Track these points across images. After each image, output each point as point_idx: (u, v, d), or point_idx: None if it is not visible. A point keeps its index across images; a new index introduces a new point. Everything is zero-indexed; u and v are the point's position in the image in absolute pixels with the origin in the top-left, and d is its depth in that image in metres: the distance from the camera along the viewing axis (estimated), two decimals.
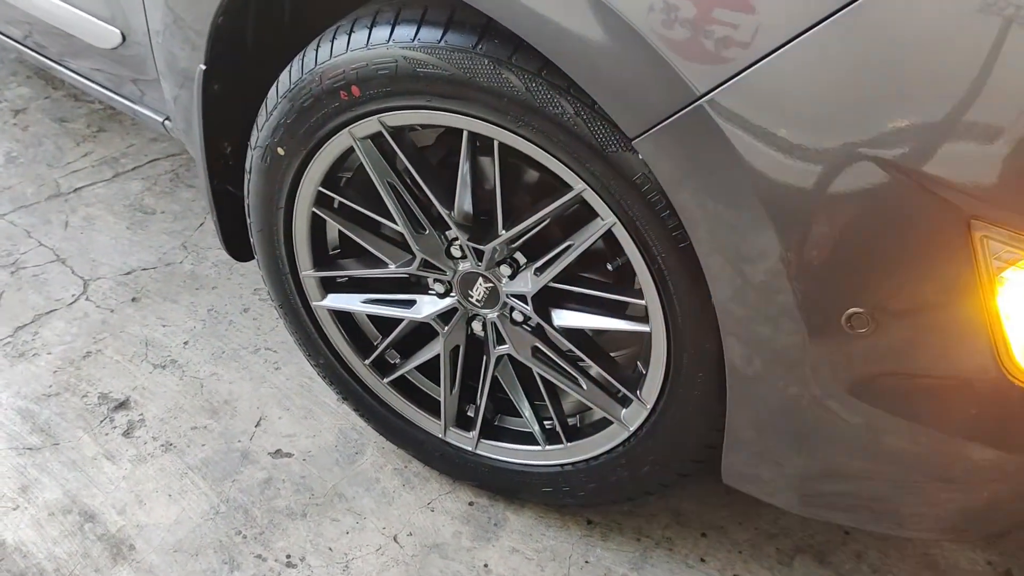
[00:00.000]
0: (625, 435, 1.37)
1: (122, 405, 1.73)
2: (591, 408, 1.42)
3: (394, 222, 1.36)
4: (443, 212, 1.30)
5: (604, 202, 1.15)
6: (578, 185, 1.16)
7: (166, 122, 1.74)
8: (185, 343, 1.87)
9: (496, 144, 1.20)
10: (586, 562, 1.50)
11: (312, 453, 1.66)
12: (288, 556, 1.49)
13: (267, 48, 1.47)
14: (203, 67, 1.44)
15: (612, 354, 1.39)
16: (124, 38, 1.65)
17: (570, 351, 1.35)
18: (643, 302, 1.22)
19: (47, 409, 1.72)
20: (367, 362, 1.55)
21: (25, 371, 1.79)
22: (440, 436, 1.55)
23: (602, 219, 1.18)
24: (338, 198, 1.40)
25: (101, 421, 1.70)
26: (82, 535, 1.50)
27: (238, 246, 1.65)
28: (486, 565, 1.49)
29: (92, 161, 2.39)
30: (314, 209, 1.41)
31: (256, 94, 1.40)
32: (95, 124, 2.54)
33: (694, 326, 1.17)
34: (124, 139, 2.48)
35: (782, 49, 0.86)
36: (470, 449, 1.54)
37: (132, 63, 1.71)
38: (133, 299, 1.97)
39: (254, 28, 1.45)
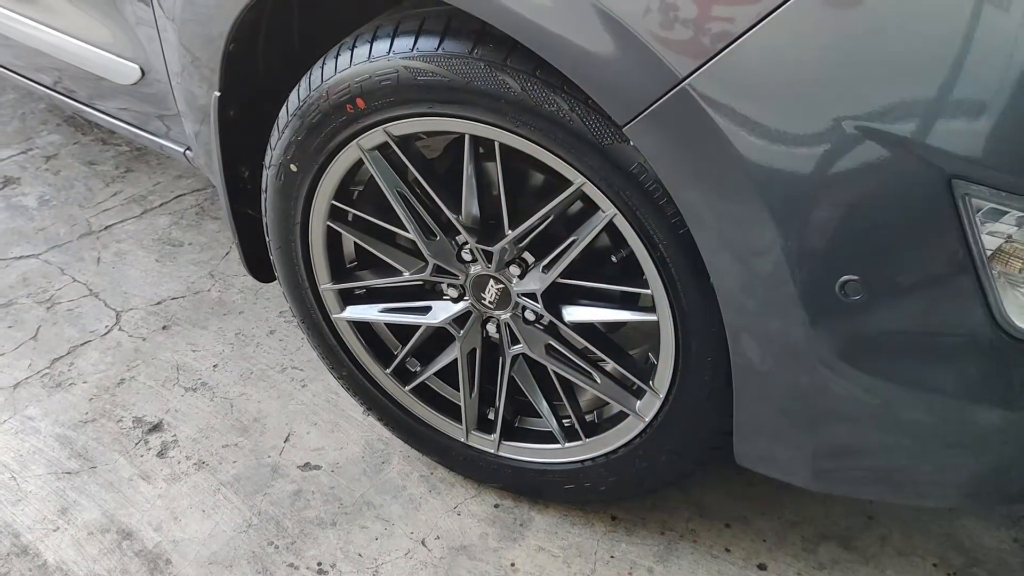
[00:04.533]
0: (641, 427, 1.39)
1: (156, 428, 1.78)
2: (607, 403, 1.44)
3: (406, 231, 1.40)
4: (451, 217, 1.34)
5: (604, 194, 1.19)
6: (578, 179, 1.20)
7: (187, 152, 1.80)
8: (215, 366, 1.92)
9: (497, 145, 1.25)
10: (611, 557, 1.52)
11: (340, 465, 1.70)
12: (319, 563, 1.52)
13: (279, 72, 1.53)
14: (218, 94, 1.50)
15: (628, 352, 1.42)
16: (143, 73, 1.72)
17: (585, 348, 1.38)
18: (649, 291, 1.25)
19: (84, 435, 1.77)
20: (388, 371, 1.59)
21: (62, 400, 1.85)
22: (463, 440, 1.59)
23: (603, 211, 1.22)
24: (352, 211, 1.45)
25: (136, 444, 1.75)
26: (120, 552, 1.55)
27: (260, 268, 1.71)
28: (513, 564, 1.51)
29: (121, 200, 2.48)
30: (329, 223, 1.46)
31: (270, 117, 1.46)
32: (123, 165, 2.63)
33: (699, 311, 1.20)
34: (151, 177, 2.56)
35: (757, 27, 0.90)
36: (492, 452, 1.56)
37: (153, 99, 1.78)
38: (164, 327, 2.03)
39: (265, 53, 1.52)
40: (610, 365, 1.38)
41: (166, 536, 1.57)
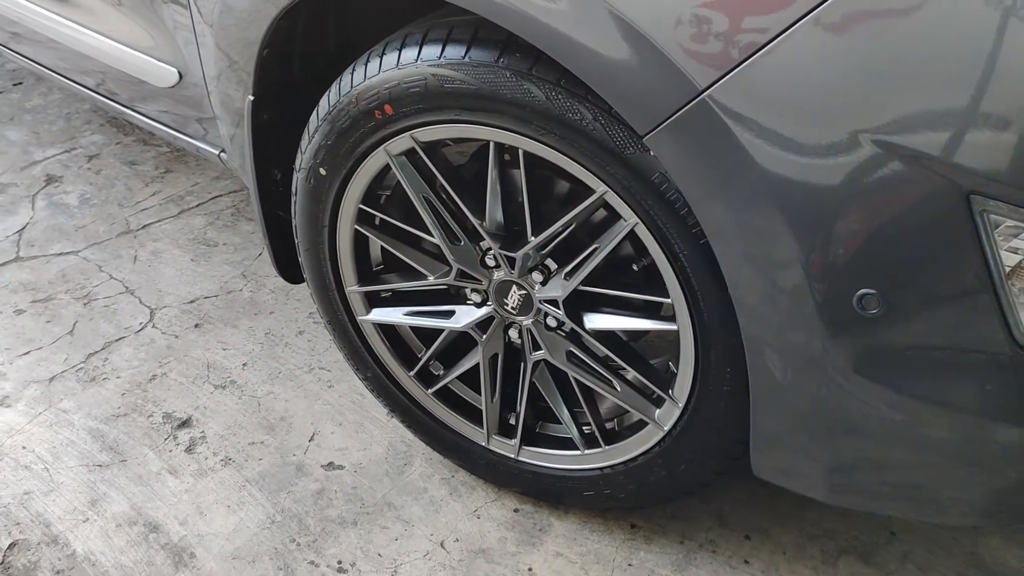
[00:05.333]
0: (660, 435, 1.39)
1: (185, 424, 1.82)
2: (627, 411, 1.45)
3: (431, 235, 1.42)
4: (476, 223, 1.36)
5: (626, 203, 1.20)
6: (600, 188, 1.21)
7: (221, 154, 1.84)
8: (244, 365, 1.96)
9: (521, 153, 1.26)
10: (629, 565, 1.52)
11: (363, 465, 1.72)
12: (339, 562, 1.54)
13: (314, 77, 1.56)
14: (251, 98, 1.53)
15: (649, 361, 1.42)
16: (181, 77, 1.76)
17: (606, 356, 1.39)
18: (669, 300, 1.26)
19: (116, 429, 1.81)
20: (412, 374, 1.61)
21: (96, 394, 1.89)
22: (484, 444, 1.60)
23: (625, 220, 1.22)
24: (379, 215, 1.47)
25: (165, 439, 1.79)
26: (147, 544, 1.58)
27: (290, 269, 1.74)
28: (531, 569, 1.52)
29: (159, 200, 2.53)
30: (356, 226, 1.48)
31: (302, 122, 1.48)
32: (162, 166, 2.68)
33: (719, 321, 1.20)
34: (189, 178, 2.61)
35: (777, 40, 0.90)
36: (513, 456, 1.58)
37: (190, 102, 1.82)
38: (196, 325, 2.07)
39: (300, 59, 1.55)
40: (631, 373, 1.39)
41: (191, 530, 1.60)
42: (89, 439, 1.79)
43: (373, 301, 1.58)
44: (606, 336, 1.38)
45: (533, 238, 1.32)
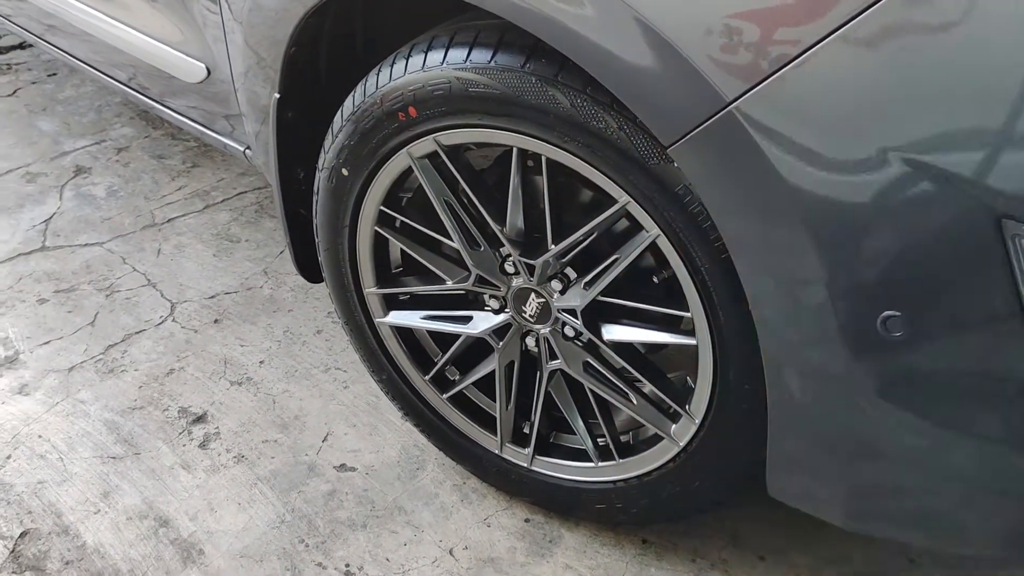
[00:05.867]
0: (675, 451, 1.37)
1: (200, 419, 1.82)
2: (643, 425, 1.43)
3: (451, 240, 1.41)
4: (496, 228, 1.35)
5: (648, 214, 1.18)
6: (622, 198, 1.19)
7: (246, 151, 1.84)
8: (261, 362, 1.96)
9: (544, 160, 1.25)
10: None
11: (375, 468, 1.71)
12: (347, 565, 1.53)
13: (340, 77, 1.55)
14: (277, 95, 1.53)
15: (668, 375, 1.40)
16: (209, 72, 1.76)
17: (623, 368, 1.37)
18: (688, 314, 1.24)
19: (131, 421, 1.81)
20: (427, 378, 1.60)
21: (113, 386, 1.90)
22: (497, 452, 1.58)
23: (646, 232, 1.21)
24: (399, 218, 1.46)
25: (180, 433, 1.79)
26: (156, 539, 1.58)
27: (310, 268, 1.73)
28: None
29: (185, 194, 2.54)
30: (376, 228, 1.47)
31: (327, 122, 1.48)
32: (190, 160, 2.69)
33: (739, 337, 1.18)
34: (215, 174, 2.62)
35: (808, 52, 0.88)
36: (525, 465, 1.56)
37: (217, 98, 1.83)
38: (215, 321, 2.07)
39: (327, 58, 1.54)
40: (647, 387, 1.37)
41: (201, 526, 1.60)
42: (104, 431, 1.80)
43: (391, 304, 1.57)
44: (624, 348, 1.37)
45: (553, 246, 1.31)
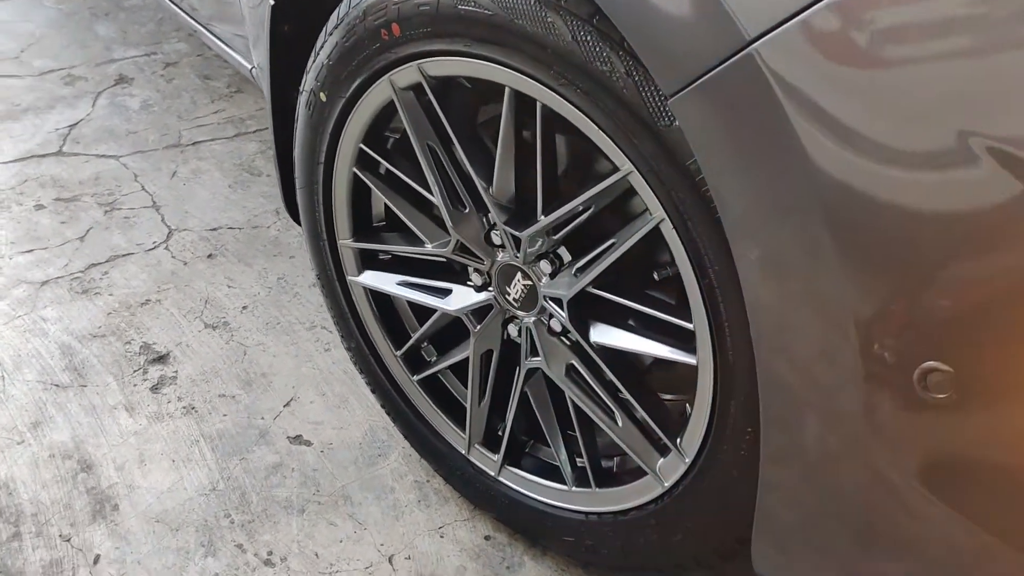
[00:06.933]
0: (659, 491, 1.11)
1: (160, 359, 1.64)
2: (627, 453, 1.17)
3: (432, 194, 1.18)
4: (481, 187, 1.10)
5: (652, 191, 0.92)
6: (625, 166, 0.93)
7: (253, 70, 1.64)
8: (244, 307, 1.76)
9: (539, 107, 1.00)
10: None
11: (332, 446, 1.49)
12: (269, 553, 1.32)
13: None
14: (272, 2, 1.32)
15: (664, 398, 1.14)
16: None
17: (611, 381, 1.12)
18: (691, 326, 0.98)
19: (88, 349, 1.64)
20: (399, 353, 1.37)
21: (81, 308, 1.74)
22: (463, 453, 1.35)
23: (650, 214, 0.95)
24: (384, 163, 1.23)
25: (135, 371, 1.61)
26: (72, 484, 1.40)
27: (297, 204, 1.52)
28: None
29: (220, 119, 2.37)
30: (355, 170, 1.25)
31: None
32: (235, 85, 2.52)
33: (746, 364, 0.91)
34: (256, 103, 2.45)
35: None
36: (492, 474, 1.32)
37: (235, 17, 1.63)
38: (209, 255, 1.89)
39: None
40: (639, 412, 1.11)
41: (124, 479, 1.42)
42: (58, 354, 1.63)
43: (367, 261, 1.35)
44: (614, 356, 1.11)
45: (543, 216, 1.06)
